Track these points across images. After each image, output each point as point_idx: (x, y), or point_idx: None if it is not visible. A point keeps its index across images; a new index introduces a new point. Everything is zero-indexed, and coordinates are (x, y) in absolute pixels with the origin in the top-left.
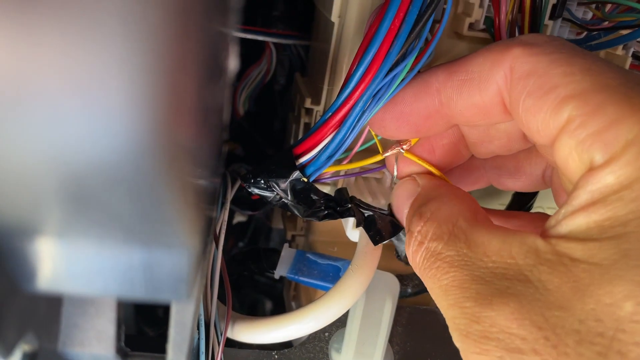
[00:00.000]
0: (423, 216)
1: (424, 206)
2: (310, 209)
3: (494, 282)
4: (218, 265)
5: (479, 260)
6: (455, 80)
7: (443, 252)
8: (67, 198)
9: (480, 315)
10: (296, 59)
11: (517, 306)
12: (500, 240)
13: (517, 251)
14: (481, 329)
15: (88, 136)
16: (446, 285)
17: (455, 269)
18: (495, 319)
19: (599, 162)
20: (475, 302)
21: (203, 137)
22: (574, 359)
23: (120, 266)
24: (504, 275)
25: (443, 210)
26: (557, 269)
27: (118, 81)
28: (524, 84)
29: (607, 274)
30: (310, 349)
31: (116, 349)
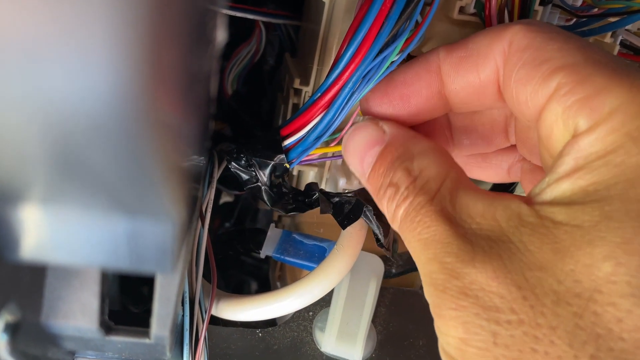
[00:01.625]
0: (412, 173)
1: (409, 161)
2: (279, 201)
3: (477, 241)
4: (204, 243)
5: (462, 221)
6: (455, 57)
7: (427, 206)
8: (50, 158)
9: (461, 272)
10: (286, 39)
11: (498, 265)
12: (485, 203)
13: (501, 214)
14: (460, 285)
15: (70, 90)
16: (427, 239)
17: (438, 224)
18: (476, 276)
19: (584, 127)
20: (456, 258)
21: (188, 101)
22: (550, 319)
23: (105, 235)
24: (487, 237)
25: (432, 169)
26: (538, 231)
27: (101, 32)
28: (520, 55)
29: (588, 235)
30: (295, 328)
31: (100, 322)
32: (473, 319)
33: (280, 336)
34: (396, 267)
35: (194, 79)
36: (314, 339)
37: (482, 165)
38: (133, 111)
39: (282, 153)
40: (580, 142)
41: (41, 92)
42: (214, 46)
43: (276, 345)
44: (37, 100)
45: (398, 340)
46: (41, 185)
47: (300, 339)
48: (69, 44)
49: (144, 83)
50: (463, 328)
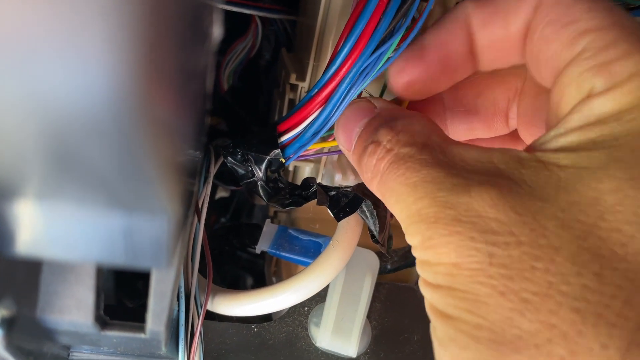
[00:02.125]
0: (394, 128)
1: (392, 121)
2: (275, 196)
3: (472, 177)
4: (200, 238)
5: (455, 164)
6: (484, 12)
7: (416, 155)
8: (46, 154)
9: (456, 202)
10: (282, 35)
11: (496, 194)
12: (480, 150)
13: (499, 158)
14: (454, 213)
15: (66, 86)
16: (415, 182)
17: (430, 167)
18: (472, 204)
19: (599, 89)
20: (449, 191)
21: (184, 97)
22: (553, 240)
23: (101, 231)
24: (484, 174)
25: (415, 126)
26: (541, 172)
27: (96, 28)
28: (548, 11)
29: (595, 174)
30: (290, 323)
31: (95, 317)
32: (468, 242)
33: (275, 331)
34: (391, 263)
35: (189, 74)
36: (309, 334)
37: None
38: (129, 107)
39: (278, 148)
40: (594, 101)
41: (37, 89)
42: (210, 41)
43: (271, 340)
44: (33, 97)
45: (393, 335)
46: (37, 180)
47: (296, 334)
48: (64, 41)
49: (139, 79)
50: (456, 252)
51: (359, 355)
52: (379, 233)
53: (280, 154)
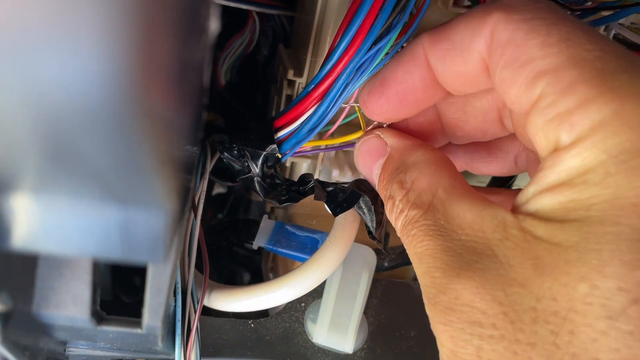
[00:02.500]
0: (404, 185)
1: (402, 174)
2: (272, 192)
3: (463, 254)
4: (196, 234)
5: (453, 232)
6: (440, 49)
7: (420, 220)
8: (42, 147)
9: (447, 287)
10: (280, 30)
11: (481, 281)
12: (474, 213)
13: (488, 225)
14: (447, 300)
15: (62, 78)
16: (420, 253)
17: (430, 238)
18: (461, 292)
19: (565, 142)
20: (443, 273)
21: (180, 91)
22: (529, 336)
23: (97, 225)
24: (473, 249)
25: (423, 179)
26: (520, 245)
27: (92, 20)
28: (502, 52)
29: (566, 254)
30: (287, 319)
31: (91, 312)
32: (459, 334)
33: (272, 327)
34: (389, 260)
35: (186, 68)
36: (305, 330)
37: (487, 160)
38: (125, 100)
39: (274, 143)
40: (562, 156)
41: (32, 80)
42: (207, 36)
43: (268, 336)
44: (28, 89)
45: (389, 331)
46: (33, 174)
47: (292, 330)
48: (59, 32)
49: (135, 71)
50: (452, 341)
51: (356, 351)
52: (376, 229)
53: (276, 149)
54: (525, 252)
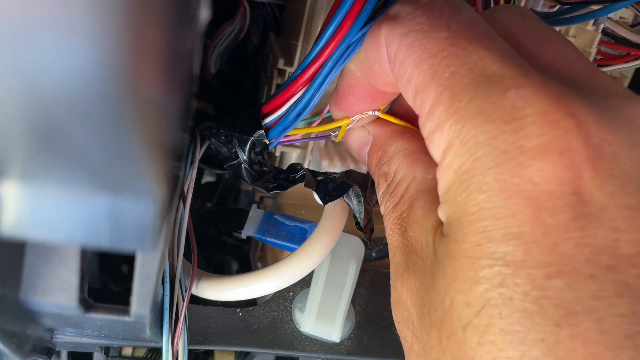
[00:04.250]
0: (387, 177)
1: (386, 165)
2: (260, 179)
3: (409, 255)
4: (185, 222)
5: (410, 229)
6: (364, 68)
7: (391, 213)
8: (30, 133)
9: (394, 285)
10: (271, 19)
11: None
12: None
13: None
14: (395, 296)
15: (51, 62)
16: (389, 245)
17: (394, 233)
18: (402, 290)
19: (436, 159)
20: (394, 271)
21: (170, 77)
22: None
23: (85, 212)
24: (415, 251)
25: (401, 171)
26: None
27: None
28: (393, 67)
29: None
30: (274, 308)
31: (79, 299)
32: (401, 328)
33: (260, 316)
34: (377, 251)
35: (176, 55)
36: (293, 318)
37: None
38: (114, 86)
39: (261, 129)
40: (438, 172)
41: (22, 67)
42: (198, 23)
43: (256, 325)
44: (18, 75)
45: (376, 320)
46: (21, 160)
47: (280, 319)
48: (49, 16)
49: (125, 56)
50: (400, 335)
51: (343, 340)
52: (365, 220)
53: (263, 135)
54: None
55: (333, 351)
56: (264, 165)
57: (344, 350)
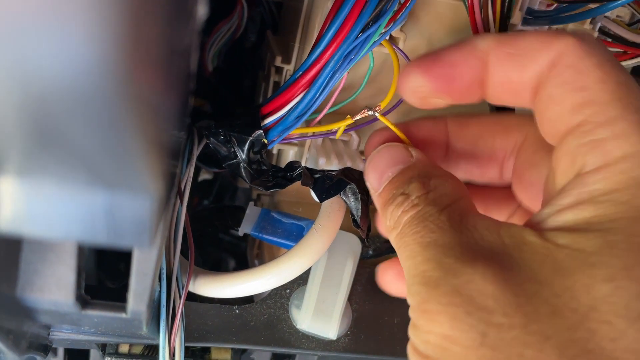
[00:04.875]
0: (426, 187)
1: (426, 178)
2: (258, 178)
3: (479, 250)
4: (182, 220)
5: (468, 232)
6: (503, 51)
7: (436, 215)
8: (27, 129)
9: (459, 271)
10: (268, 16)
11: (498, 271)
12: (492, 224)
13: (505, 232)
14: (456, 282)
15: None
16: (428, 242)
17: (444, 231)
18: (474, 276)
19: (592, 167)
20: (456, 259)
21: (167, 74)
22: (544, 328)
23: (82, 208)
24: (490, 248)
25: (447, 186)
26: (540, 251)
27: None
28: (562, 71)
29: (590, 258)
30: (271, 305)
31: (76, 296)
32: (463, 317)
33: (257, 313)
34: (374, 248)
35: (173, 51)
36: (290, 316)
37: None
38: (111, 82)
39: (260, 129)
40: (587, 179)
41: (19, 62)
42: (195, 20)
43: (253, 322)
44: (14, 69)
45: (373, 318)
46: (17, 156)
47: (277, 316)
48: (46, 11)
49: (122, 52)
50: (450, 324)
51: (339, 338)
52: (361, 218)
53: (262, 134)
54: (545, 257)
55: (330, 348)
56: (262, 164)
57: (340, 347)
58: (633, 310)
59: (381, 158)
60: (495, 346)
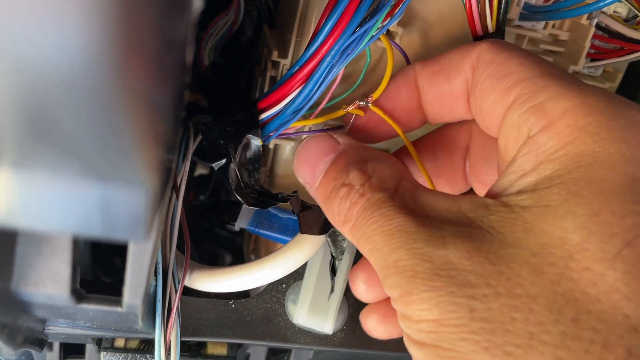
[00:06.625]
0: (365, 172)
1: (363, 164)
2: (243, 189)
3: (445, 228)
4: (178, 215)
5: (427, 213)
6: (429, 70)
7: (388, 201)
8: (21, 120)
9: (432, 254)
10: (265, 11)
11: (471, 246)
12: (448, 200)
13: (467, 207)
14: (432, 267)
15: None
16: (390, 230)
17: (403, 216)
18: (448, 256)
19: (537, 129)
20: (426, 243)
21: (162, 66)
22: (528, 288)
23: (77, 201)
24: (454, 223)
25: (386, 170)
26: (508, 216)
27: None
28: (486, 67)
29: (557, 211)
30: (267, 300)
31: (71, 290)
32: (448, 298)
33: (253, 307)
34: None
35: (168, 43)
36: (286, 310)
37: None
38: (104, 70)
39: (258, 125)
40: (537, 139)
41: (12, 52)
42: (190, 12)
43: (249, 317)
44: (8, 60)
45: None
46: (11, 148)
47: (273, 311)
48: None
49: (116, 42)
50: (437, 309)
51: (335, 332)
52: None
53: (259, 132)
54: (514, 220)
55: (326, 343)
56: (252, 178)
57: (336, 342)
58: (608, 252)
59: (308, 151)
60: (485, 318)
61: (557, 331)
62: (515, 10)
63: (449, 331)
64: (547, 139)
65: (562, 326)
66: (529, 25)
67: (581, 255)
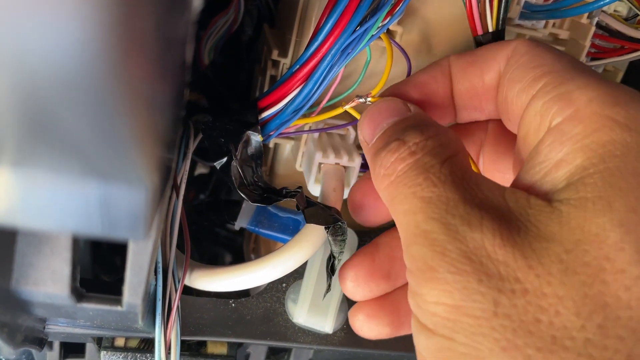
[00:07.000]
0: (425, 133)
1: (424, 126)
2: (246, 187)
3: (485, 209)
4: (178, 214)
5: (472, 188)
6: (463, 61)
7: (437, 166)
8: (21, 117)
9: (467, 235)
10: (265, 10)
11: (507, 234)
12: (494, 183)
13: (509, 196)
14: (464, 248)
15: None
16: (431, 197)
17: (447, 186)
18: (483, 241)
19: (562, 117)
20: (463, 220)
21: (161, 64)
22: (557, 288)
23: (77, 200)
24: (495, 209)
25: (447, 137)
26: (545, 210)
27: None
28: (519, 58)
29: (594, 205)
30: (267, 299)
31: (71, 289)
32: (474, 285)
33: (253, 307)
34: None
35: (168, 42)
36: (286, 310)
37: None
38: (104, 70)
39: (258, 124)
40: (562, 127)
41: (11, 49)
42: (190, 10)
43: (249, 316)
44: (7, 58)
45: None
46: (11, 147)
47: (273, 310)
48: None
49: (115, 39)
50: (460, 294)
51: (335, 332)
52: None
53: (259, 128)
54: (550, 214)
55: (326, 342)
56: (254, 174)
57: (336, 341)
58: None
59: (377, 110)
60: (508, 315)
61: (582, 338)
62: (515, 9)
63: (468, 322)
64: (573, 126)
65: (587, 333)
66: (529, 24)
67: (616, 255)
